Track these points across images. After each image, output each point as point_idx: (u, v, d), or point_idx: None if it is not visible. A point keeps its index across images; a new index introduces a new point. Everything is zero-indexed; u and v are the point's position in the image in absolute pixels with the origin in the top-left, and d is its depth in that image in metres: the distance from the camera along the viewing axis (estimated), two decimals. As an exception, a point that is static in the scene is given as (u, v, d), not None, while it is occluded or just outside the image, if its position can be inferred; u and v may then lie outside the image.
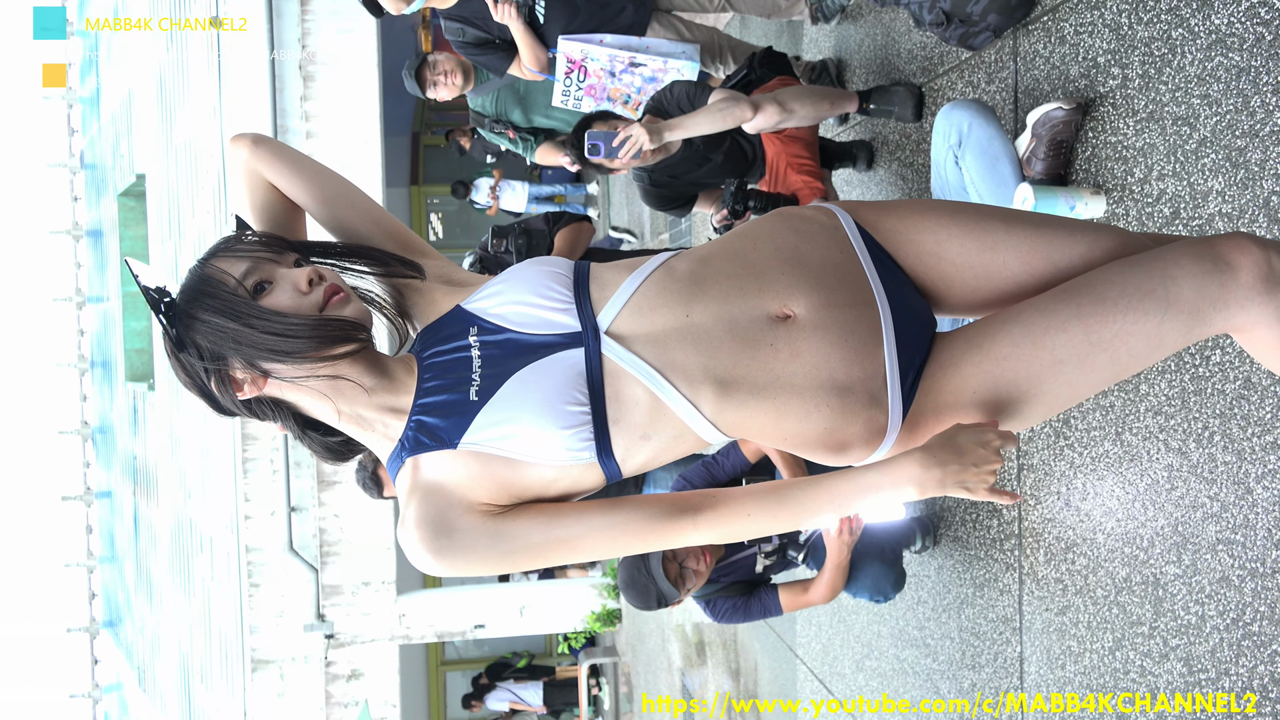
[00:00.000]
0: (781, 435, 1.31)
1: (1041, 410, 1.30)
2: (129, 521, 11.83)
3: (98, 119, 12.16)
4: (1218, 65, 1.94)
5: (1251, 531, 1.91)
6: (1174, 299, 1.25)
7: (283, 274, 1.25)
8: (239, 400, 1.26)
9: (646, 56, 3.42)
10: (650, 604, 2.78)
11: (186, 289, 1.24)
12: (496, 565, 1.23)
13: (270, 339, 1.20)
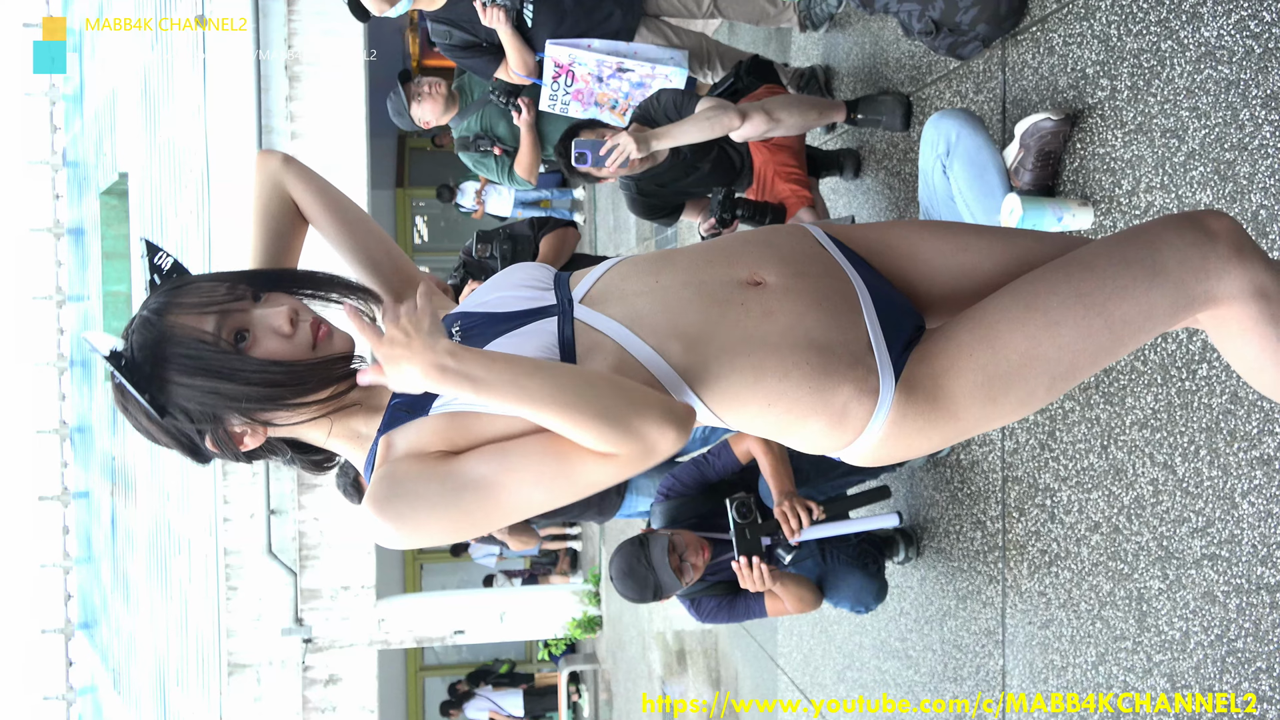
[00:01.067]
0: (765, 400, 1.24)
1: (1045, 377, 1.25)
2: (106, 522, 11.72)
3: (81, 116, 12.06)
4: (1207, 78, 1.93)
5: (1237, 547, 1.90)
6: (1160, 266, 1.24)
7: (256, 317, 1.20)
8: (241, 453, 1.24)
9: (634, 62, 3.40)
10: (646, 595, 2.73)
11: (152, 348, 1.16)
12: (447, 510, 1.13)
13: (275, 391, 1.17)
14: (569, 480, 1.14)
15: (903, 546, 3.10)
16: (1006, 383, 1.25)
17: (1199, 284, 1.25)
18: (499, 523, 1.17)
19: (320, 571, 7.89)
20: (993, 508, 2.70)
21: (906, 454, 1.33)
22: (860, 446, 1.31)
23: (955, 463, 2.89)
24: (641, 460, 1.14)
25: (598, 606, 8.77)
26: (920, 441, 1.31)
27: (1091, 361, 1.26)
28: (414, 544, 1.16)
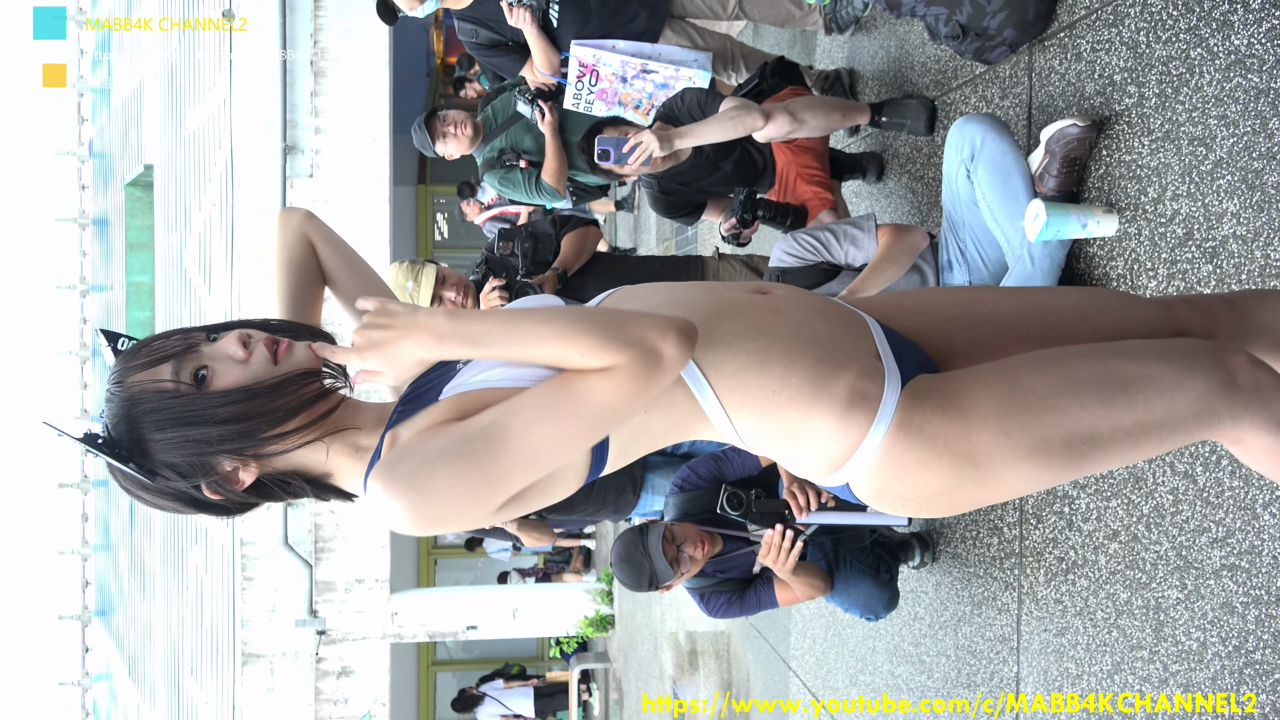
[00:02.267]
0: (771, 386, 1.23)
1: (1061, 429, 1.22)
2: (125, 510, 11.82)
3: (108, 108, 12.18)
4: (1236, 86, 1.92)
5: (1257, 558, 1.89)
6: (1187, 379, 1.24)
7: (210, 352, 1.17)
8: (243, 492, 1.19)
9: (658, 63, 3.41)
10: (642, 583, 2.75)
11: (122, 417, 1.14)
12: (457, 461, 1.06)
13: (247, 425, 1.14)
14: (577, 405, 1.09)
15: (918, 551, 3.09)
16: (1022, 418, 1.22)
17: (1225, 409, 1.26)
18: (516, 473, 1.09)
19: (335, 564, 7.93)
20: (1010, 514, 2.69)
21: (910, 488, 1.27)
22: (862, 459, 1.27)
23: (973, 468, 2.88)
24: (646, 368, 1.09)
25: (610, 605, 8.78)
26: (924, 473, 1.26)
27: (1111, 438, 1.23)
28: (425, 517, 1.06)
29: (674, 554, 2.75)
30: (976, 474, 1.24)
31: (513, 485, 1.10)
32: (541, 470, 1.11)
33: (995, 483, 1.25)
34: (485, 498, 1.08)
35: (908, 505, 1.30)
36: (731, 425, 1.26)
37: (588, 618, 8.77)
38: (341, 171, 7.53)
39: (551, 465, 1.11)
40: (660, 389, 1.13)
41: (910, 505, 1.30)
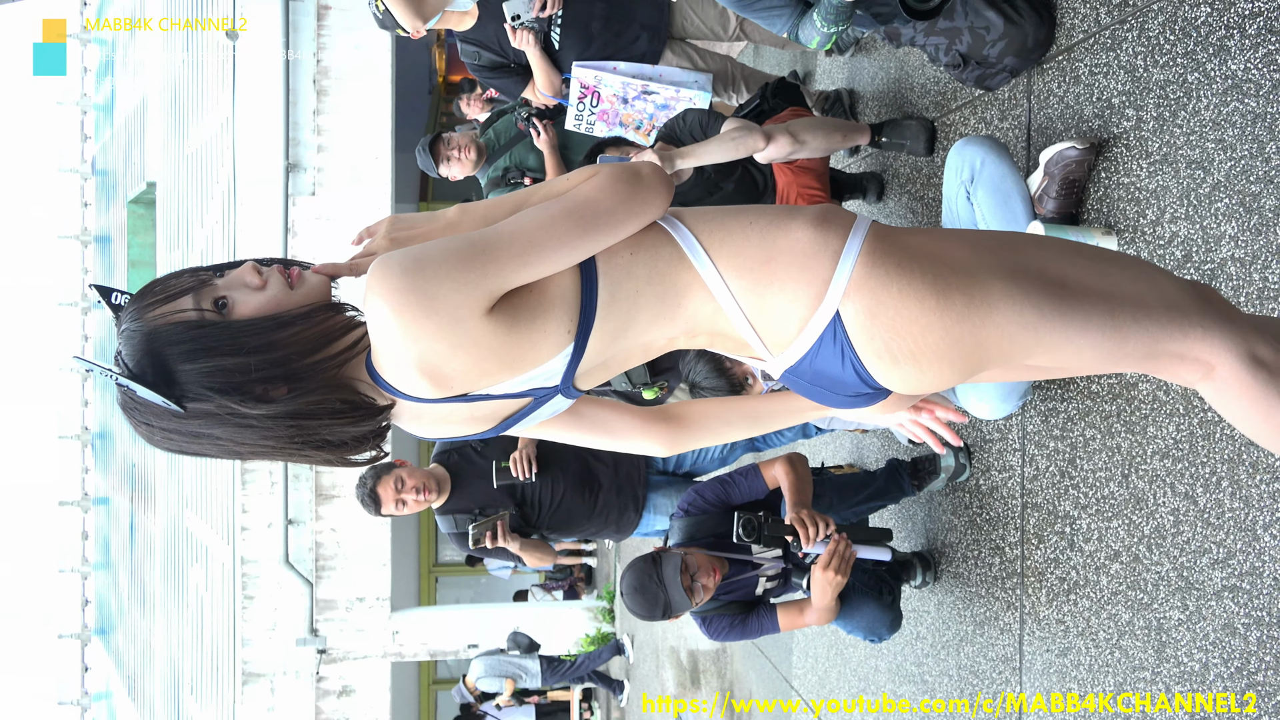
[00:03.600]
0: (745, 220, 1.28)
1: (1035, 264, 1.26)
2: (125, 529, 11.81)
3: (111, 126, 12.23)
4: (1233, 110, 1.94)
5: (1258, 579, 1.89)
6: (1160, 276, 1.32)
7: (224, 283, 1.20)
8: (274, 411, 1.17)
9: (659, 84, 3.44)
10: (656, 613, 2.72)
11: (145, 353, 1.15)
12: (449, 245, 1.13)
13: (285, 350, 1.16)
14: (564, 201, 1.20)
15: (920, 570, 3.09)
16: (994, 246, 1.28)
17: (1194, 312, 1.28)
18: (506, 256, 1.13)
19: (336, 583, 7.92)
20: (1012, 534, 2.69)
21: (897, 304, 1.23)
22: (845, 270, 1.24)
23: (974, 488, 2.88)
24: (627, 176, 1.22)
25: (611, 623, 8.76)
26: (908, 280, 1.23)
27: (1082, 291, 1.25)
28: (413, 287, 1.09)
29: (689, 583, 2.71)
30: (958, 280, 1.23)
31: (502, 266, 1.13)
32: (530, 257, 1.15)
33: (980, 298, 1.23)
34: (475, 270, 1.11)
35: (900, 339, 1.24)
36: (713, 264, 1.26)
37: (589, 636, 8.75)
38: (344, 189, 7.57)
39: (540, 254, 1.15)
40: (641, 205, 1.22)
41: (902, 339, 1.24)
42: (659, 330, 1.28)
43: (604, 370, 1.33)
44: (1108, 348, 1.27)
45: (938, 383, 1.28)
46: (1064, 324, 1.25)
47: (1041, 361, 1.31)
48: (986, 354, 1.25)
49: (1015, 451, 2.67)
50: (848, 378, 1.30)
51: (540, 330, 1.19)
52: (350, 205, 7.55)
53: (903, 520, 3.32)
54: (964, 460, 2.90)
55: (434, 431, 1.31)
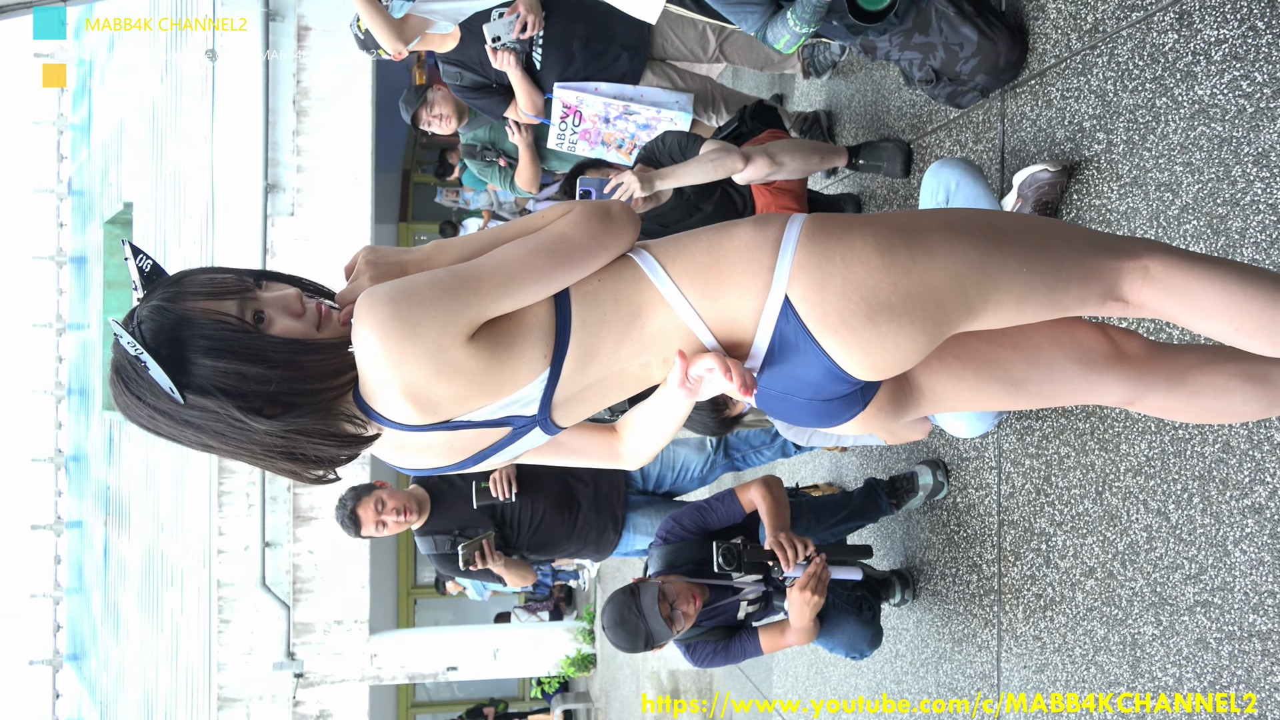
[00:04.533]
0: (692, 236, 1.35)
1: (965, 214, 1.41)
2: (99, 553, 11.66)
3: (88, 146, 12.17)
4: (1200, 134, 1.98)
5: (1229, 594, 1.92)
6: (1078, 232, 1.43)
7: (268, 299, 1.24)
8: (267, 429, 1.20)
9: (640, 105, 3.47)
10: (638, 644, 2.72)
11: (169, 333, 1.17)
12: (434, 277, 1.20)
13: (301, 371, 1.20)
14: (540, 236, 1.28)
15: (899, 588, 3.11)
16: (922, 211, 1.38)
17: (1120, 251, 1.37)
18: (487, 286, 1.20)
19: (314, 605, 7.84)
20: (989, 551, 2.71)
21: (844, 270, 1.26)
22: (787, 254, 1.28)
23: (952, 505, 2.91)
24: (599, 213, 1.30)
25: (592, 644, 8.72)
26: (851, 241, 1.27)
27: (1012, 233, 1.33)
28: (400, 316, 1.14)
29: (669, 612, 2.71)
30: (898, 236, 1.29)
31: (483, 297, 1.20)
32: (509, 289, 1.22)
33: (921, 247, 1.28)
34: (459, 300, 1.18)
35: (852, 304, 1.26)
36: (669, 278, 1.31)
37: (569, 657, 8.70)
38: (323, 209, 7.55)
39: (519, 286, 1.22)
40: (611, 240, 1.29)
41: (854, 304, 1.26)
42: (628, 352, 1.32)
43: (581, 402, 1.35)
44: (1049, 272, 1.32)
45: (902, 346, 1.29)
46: (1002, 255, 1.30)
47: (1000, 305, 1.32)
48: (942, 299, 1.28)
49: (992, 469, 2.70)
50: (814, 370, 1.32)
51: (518, 356, 1.25)
52: (330, 226, 7.53)
53: (882, 538, 3.33)
54: (941, 478, 2.93)
55: (415, 462, 1.35)
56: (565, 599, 10.82)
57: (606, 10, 3.42)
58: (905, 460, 3.14)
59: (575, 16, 3.44)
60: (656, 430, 1.44)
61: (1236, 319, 1.34)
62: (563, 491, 3.45)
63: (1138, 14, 2.15)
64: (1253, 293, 1.33)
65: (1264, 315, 1.33)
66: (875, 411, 1.46)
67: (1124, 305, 1.37)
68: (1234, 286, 1.33)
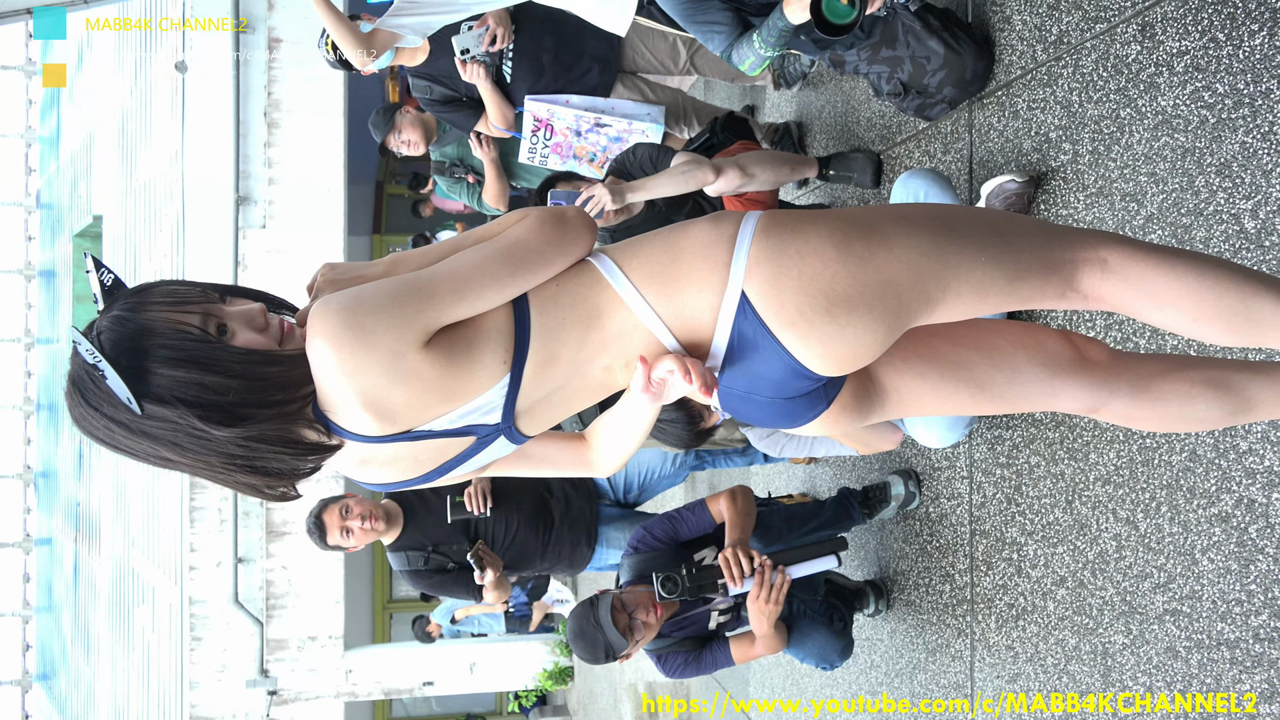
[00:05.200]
0: (649, 238, 1.36)
1: (919, 207, 1.40)
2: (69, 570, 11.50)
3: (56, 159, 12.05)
4: (1164, 145, 2.00)
5: (1198, 602, 1.93)
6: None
7: (231, 313, 1.23)
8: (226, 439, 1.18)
9: (611, 117, 3.46)
10: (599, 656, 2.75)
11: (129, 342, 1.16)
12: (386, 285, 1.20)
13: (263, 383, 1.18)
14: (496, 241, 1.27)
15: (873, 599, 3.11)
16: (877, 206, 1.39)
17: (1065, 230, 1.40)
18: (442, 292, 1.20)
19: (287, 621, 7.76)
20: (961, 561, 2.72)
21: (799, 263, 1.26)
22: (743, 249, 1.28)
23: (924, 515, 2.91)
24: (553, 217, 1.30)
25: (569, 657, 8.68)
26: (806, 234, 1.27)
27: (966, 222, 1.35)
28: (354, 324, 1.14)
29: (626, 623, 2.74)
30: (853, 228, 1.29)
31: (437, 303, 1.19)
32: (464, 294, 1.21)
33: (877, 238, 1.28)
34: (411, 306, 1.18)
35: (809, 297, 1.26)
36: (628, 280, 1.30)
37: (546, 670, 8.65)
38: (296, 222, 7.49)
39: (473, 291, 1.21)
40: (567, 245, 1.29)
41: (811, 297, 1.26)
42: (589, 355, 1.31)
43: (546, 409, 1.34)
44: (1007, 262, 1.32)
45: (861, 338, 1.28)
46: (959, 245, 1.30)
47: (959, 295, 1.32)
48: (900, 290, 1.28)
49: (963, 479, 2.70)
50: (775, 367, 1.31)
51: (477, 361, 1.24)
52: (302, 238, 7.48)
53: (855, 549, 3.33)
54: (914, 488, 2.93)
55: (381, 476, 1.33)
56: (543, 612, 10.76)
57: (576, 23, 3.41)
58: (878, 471, 3.14)
59: (545, 29, 3.44)
60: (625, 436, 1.43)
61: (1193, 308, 1.35)
62: (537, 506, 3.43)
63: (1101, 26, 2.17)
64: (1209, 282, 1.34)
65: (1219, 304, 1.34)
66: (840, 410, 1.45)
67: (1083, 298, 1.38)
68: (1190, 276, 1.34)
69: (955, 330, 1.52)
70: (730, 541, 2.73)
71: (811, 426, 1.47)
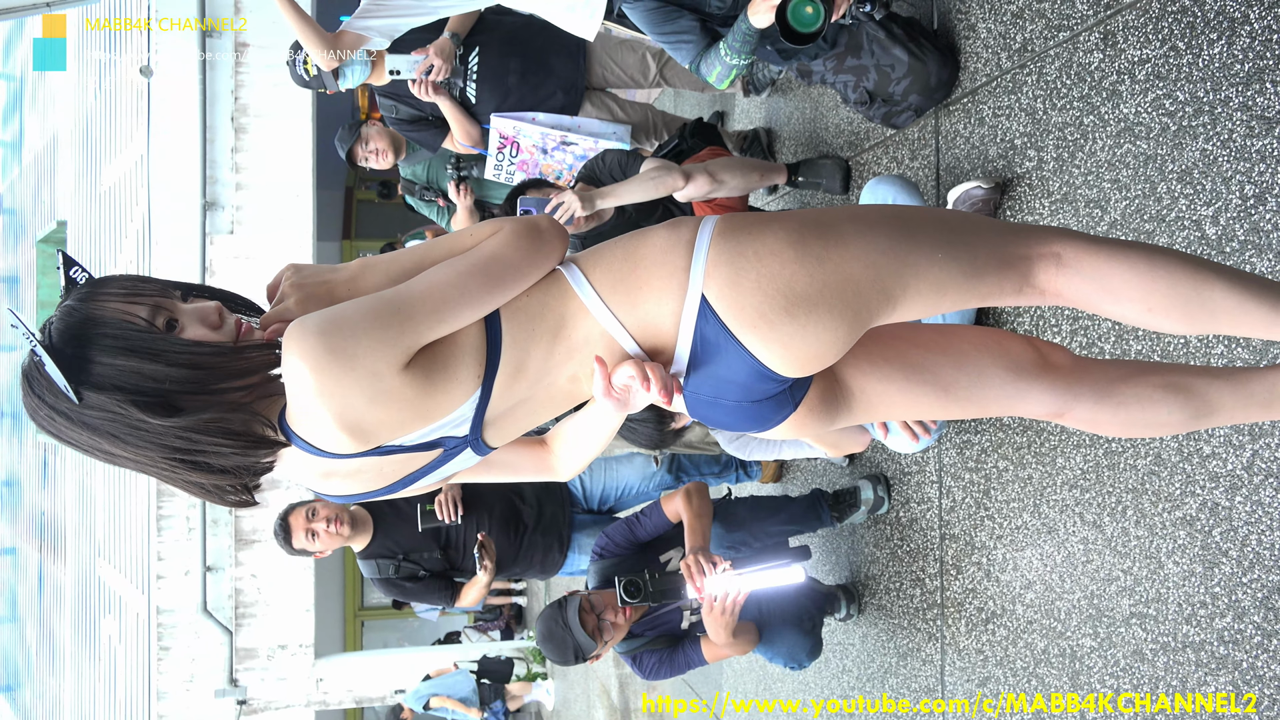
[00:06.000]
0: (611, 244, 1.36)
1: (874, 209, 1.40)
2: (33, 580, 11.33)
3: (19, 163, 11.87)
4: (1126, 152, 2.02)
5: (1163, 605, 1.95)
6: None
7: (186, 310, 1.22)
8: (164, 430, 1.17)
9: (578, 135, 3.46)
10: (568, 657, 2.76)
11: (75, 331, 1.16)
12: (365, 304, 1.17)
13: (199, 374, 1.17)
14: (471, 256, 1.25)
15: (844, 603, 3.12)
16: (831, 208, 1.39)
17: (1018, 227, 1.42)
18: (420, 310, 1.17)
19: (257, 630, 7.68)
20: (931, 565, 2.73)
21: (757, 264, 1.27)
22: (701, 252, 1.29)
23: (895, 520, 2.92)
24: (527, 228, 1.28)
25: (543, 663, 8.65)
26: (762, 236, 1.29)
27: (919, 220, 1.38)
28: (333, 348, 1.12)
29: (594, 624, 2.76)
30: (809, 229, 1.30)
31: (418, 324, 1.17)
32: (444, 313, 1.19)
33: (834, 237, 1.29)
34: (393, 329, 1.16)
35: (768, 298, 1.27)
36: (592, 288, 1.31)
37: (519, 676, 8.62)
38: (264, 227, 7.43)
39: (452, 310, 1.20)
40: (542, 258, 1.28)
41: (771, 298, 1.27)
42: (556, 364, 1.31)
43: (512, 420, 1.33)
44: (964, 258, 1.34)
45: (822, 337, 1.29)
46: (915, 242, 1.32)
47: (919, 292, 1.33)
48: (859, 289, 1.29)
49: (933, 484, 2.72)
50: (739, 370, 1.32)
51: (453, 378, 1.23)
52: (271, 244, 7.41)
53: (826, 553, 3.34)
54: (883, 493, 2.94)
55: (343, 488, 1.32)
56: (515, 618, 10.73)
57: (542, 43, 3.40)
58: (849, 477, 3.16)
59: (510, 50, 3.42)
60: (587, 441, 1.43)
61: (1146, 298, 1.37)
62: (508, 513, 3.42)
63: (1064, 34, 2.19)
64: (1161, 271, 1.37)
65: (1173, 292, 1.36)
66: (807, 413, 1.46)
67: (1040, 293, 1.40)
68: (1142, 267, 1.37)
69: (920, 334, 1.54)
70: (690, 548, 2.73)
71: (780, 430, 1.47)
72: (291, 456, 1.25)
